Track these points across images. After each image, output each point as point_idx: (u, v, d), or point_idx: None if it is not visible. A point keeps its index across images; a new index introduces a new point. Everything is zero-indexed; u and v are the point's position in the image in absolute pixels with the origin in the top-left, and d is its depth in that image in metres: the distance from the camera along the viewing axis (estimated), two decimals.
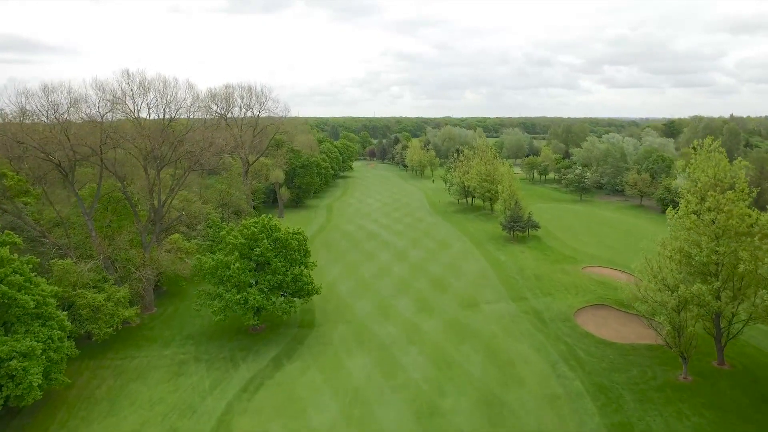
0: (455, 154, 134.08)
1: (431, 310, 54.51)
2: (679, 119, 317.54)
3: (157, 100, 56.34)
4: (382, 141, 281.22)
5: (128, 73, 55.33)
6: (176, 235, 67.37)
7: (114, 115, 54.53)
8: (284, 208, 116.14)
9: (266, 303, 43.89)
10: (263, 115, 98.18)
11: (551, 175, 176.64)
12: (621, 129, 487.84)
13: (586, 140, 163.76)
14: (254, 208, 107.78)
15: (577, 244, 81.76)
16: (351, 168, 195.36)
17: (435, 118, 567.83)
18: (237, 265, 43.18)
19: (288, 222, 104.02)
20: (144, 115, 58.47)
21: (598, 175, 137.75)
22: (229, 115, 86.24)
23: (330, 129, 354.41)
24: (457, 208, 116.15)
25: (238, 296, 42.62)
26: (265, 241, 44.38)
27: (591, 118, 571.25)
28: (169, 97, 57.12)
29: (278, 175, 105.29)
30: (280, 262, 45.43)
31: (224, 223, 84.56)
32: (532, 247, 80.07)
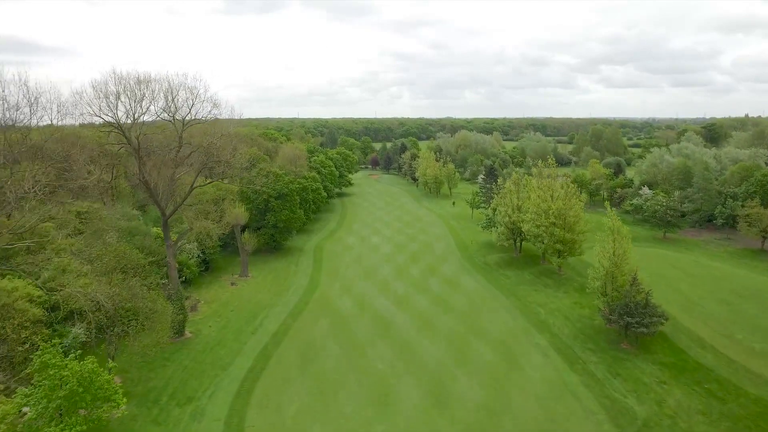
0: (496, 181, 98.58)
1: None
2: (721, 119, 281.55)
3: None
4: (386, 146, 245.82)
5: None
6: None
7: None
8: (256, 253, 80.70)
9: None
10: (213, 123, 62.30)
11: (599, 196, 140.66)
12: (638, 131, 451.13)
13: (650, 151, 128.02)
14: (201, 267, 72.18)
15: (754, 361, 45.93)
16: (350, 183, 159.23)
17: (439, 119, 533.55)
18: None
19: (252, 286, 68.44)
20: None
21: (676, 200, 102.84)
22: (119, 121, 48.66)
23: (328, 133, 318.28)
24: (501, 257, 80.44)
25: None
26: None
27: (601, 118, 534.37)
28: None
29: (238, 214, 69.84)
30: None
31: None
32: (671, 366, 44.54)
